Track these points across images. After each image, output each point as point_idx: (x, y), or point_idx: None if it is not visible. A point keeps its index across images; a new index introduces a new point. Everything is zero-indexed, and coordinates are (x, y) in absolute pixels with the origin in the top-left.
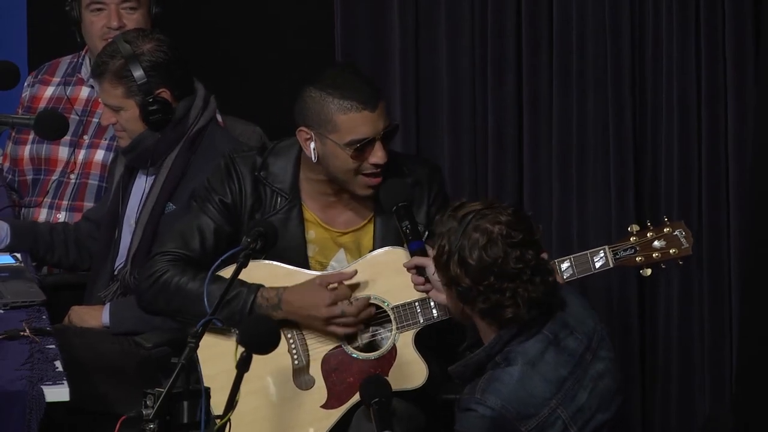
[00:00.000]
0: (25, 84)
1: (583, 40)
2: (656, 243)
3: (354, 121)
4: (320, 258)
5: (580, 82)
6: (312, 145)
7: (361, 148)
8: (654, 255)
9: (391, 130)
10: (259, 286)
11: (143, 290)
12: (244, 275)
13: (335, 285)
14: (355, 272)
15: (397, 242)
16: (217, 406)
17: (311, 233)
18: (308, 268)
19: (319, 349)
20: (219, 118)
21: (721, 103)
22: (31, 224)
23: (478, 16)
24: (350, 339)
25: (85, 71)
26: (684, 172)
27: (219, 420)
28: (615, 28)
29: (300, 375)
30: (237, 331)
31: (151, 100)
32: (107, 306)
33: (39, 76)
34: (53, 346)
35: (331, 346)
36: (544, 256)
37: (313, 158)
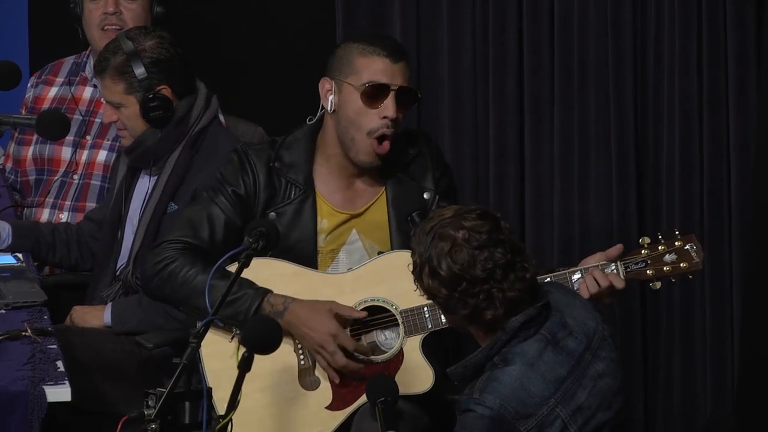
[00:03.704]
0: (29, 85)
1: (585, 38)
2: (667, 257)
3: (373, 64)
4: (331, 246)
5: (582, 81)
6: (331, 96)
7: (374, 94)
8: (665, 269)
9: (410, 92)
10: (267, 291)
11: (149, 276)
12: (250, 273)
13: (345, 318)
14: (366, 314)
15: (407, 207)
16: (220, 403)
17: (324, 222)
18: (316, 260)
19: None
20: (221, 117)
21: (722, 103)
22: (32, 224)
23: (479, 16)
24: (356, 341)
25: (89, 70)
26: (685, 172)
27: (221, 420)
28: (616, 27)
29: (306, 375)
30: (238, 331)
31: (151, 96)
32: (109, 306)
33: (42, 77)
34: (55, 347)
35: None
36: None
37: (329, 109)
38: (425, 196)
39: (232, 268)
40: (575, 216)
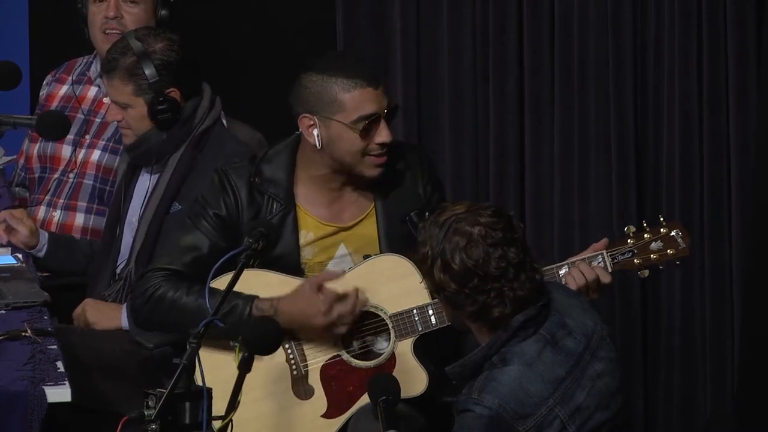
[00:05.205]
0: (44, 83)
1: (585, 38)
2: (653, 245)
3: (359, 98)
4: (319, 258)
5: (582, 81)
6: (316, 131)
7: (368, 127)
8: (652, 257)
9: (393, 108)
10: (254, 297)
11: (138, 307)
12: (237, 285)
13: (328, 286)
14: (343, 272)
15: (399, 227)
16: (218, 414)
17: (310, 235)
18: (301, 274)
19: (317, 358)
20: (224, 121)
21: (722, 103)
22: (68, 237)
23: (479, 16)
24: (348, 347)
25: (94, 70)
26: (685, 172)
27: (220, 421)
28: (616, 27)
29: (299, 384)
30: (235, 344)
31: (161, 99)
32: (124, 310)
33: (57, 75)
34: (55, 347)
35: (330, 355)
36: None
37: (317, 145)
38: (413, 213)
39: (218, 284)
40: (575, 216)
